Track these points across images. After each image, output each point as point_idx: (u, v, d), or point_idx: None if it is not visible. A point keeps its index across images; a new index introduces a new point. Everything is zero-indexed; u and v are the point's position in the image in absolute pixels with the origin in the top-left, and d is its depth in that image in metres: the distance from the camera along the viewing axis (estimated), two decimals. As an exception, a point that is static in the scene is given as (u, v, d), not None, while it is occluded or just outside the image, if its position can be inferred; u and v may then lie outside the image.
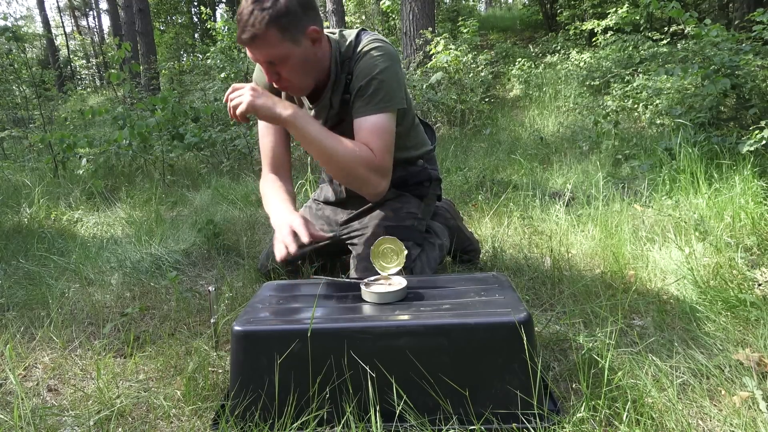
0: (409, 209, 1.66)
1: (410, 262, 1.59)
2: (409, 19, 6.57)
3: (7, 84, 6.13)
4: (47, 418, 1.13)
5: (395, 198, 1.67)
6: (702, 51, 3.41)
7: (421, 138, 1.72)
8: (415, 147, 1.69)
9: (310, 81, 1.44)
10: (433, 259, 1.73)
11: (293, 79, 1.40)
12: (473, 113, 5.34)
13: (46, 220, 2.75)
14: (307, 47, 1.36)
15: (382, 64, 1.40)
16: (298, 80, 1.41)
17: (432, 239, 1.80)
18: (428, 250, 1.74)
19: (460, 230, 1.96)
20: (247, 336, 1.07)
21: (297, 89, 1.45)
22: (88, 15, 28.80)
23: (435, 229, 1.86)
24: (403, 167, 1.65)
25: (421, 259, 1.67)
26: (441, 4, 11.79)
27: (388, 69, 1.40)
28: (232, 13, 8.71)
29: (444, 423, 1.04)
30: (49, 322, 1.55)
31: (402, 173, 1.64)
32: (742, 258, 1.70)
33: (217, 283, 1.88)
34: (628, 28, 7.44)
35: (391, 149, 1.40)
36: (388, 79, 1.40)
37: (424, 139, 1.73)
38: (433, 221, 1.90)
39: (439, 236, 1.84)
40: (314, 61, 1.40)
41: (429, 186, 1.73)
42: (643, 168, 2.90)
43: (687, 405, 1.09)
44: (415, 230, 1.67)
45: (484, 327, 1.04)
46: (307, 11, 1.34)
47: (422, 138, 1.72)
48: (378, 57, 1.41)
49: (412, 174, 1.68)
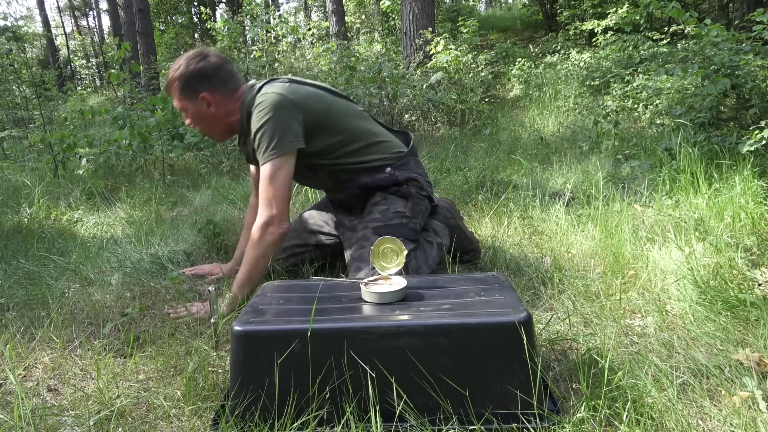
0: (396, 209, 1.71)
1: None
2: (409, 19, 6.57)
3: (7, 84, 6.13)
4: (47, 418, 1.13)
5: (381, 200, 1.74)
6: (702, 51, 3.41)
7: (383, 148, 1.79)
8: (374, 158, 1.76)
9: (213, 131, 1.75)
10: (432, 258, 1.74)
11: (197, 126, 1.74)
12: (473, 113, 5.34)
13: (46, 220, 2.75)
14: (201, 107, 1.67)
15: (264, 117, 1.58)
16: (201, 128, 1.74)
17: (430, 237, 1.80)
18: (426, 248, 1.74)
19: (460, 229, 1.96)
20: (247, 336, 1.07)
21: (205, 133, 1.77)
22: (88, 15, 28.81)
23: (434, 227, 1.87)
24: (368, 174, 1.75)
25: (417, 256, 1.68)
26: (441, 4, 11.80)
27: (269, 121, 1.58)
28: (232, 13, 8.71)
29: (444, 423, 1.04)
30: (49, 322, 1.55)
31: (367, 179, 1.75)
32: (742, 258, 1.70)
33: (217, 283, 1.88)
34: (628, 28, 7.44)
35: (281, 191, 1.58)
36: (269, 130, 1.57)
37: (386, 149, 1.79)
38: (432, 219, 1.91)
39: (438, 234, 1.84)
40: (210, 118, 1.70)
41: (408, 186, 1.76)
42: (643, 168, 2.90)
43: (687, 405, 1.09)
44: (405, 228, 1.70)
45: (484, 327, 1.04)
46: (204, 81, 1.64)
47: (384, 148, 1.79)
48: (261, 112, 1.59)
49: (379, 180, 1.76)
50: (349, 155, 1.74)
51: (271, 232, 1.56)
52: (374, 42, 9.35)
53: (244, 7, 6.88)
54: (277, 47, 7.64)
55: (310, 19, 16.27)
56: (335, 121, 1.71)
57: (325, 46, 6.37)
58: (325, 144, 1.70)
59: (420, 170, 1.83)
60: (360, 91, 4.43)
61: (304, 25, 13.91)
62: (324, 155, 1.72)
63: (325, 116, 1.68)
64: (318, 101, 1.69)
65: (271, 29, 7.61)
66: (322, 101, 1.70)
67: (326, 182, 1.84)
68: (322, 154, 1.72)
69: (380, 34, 11.14)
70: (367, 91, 4.61)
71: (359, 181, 1.76)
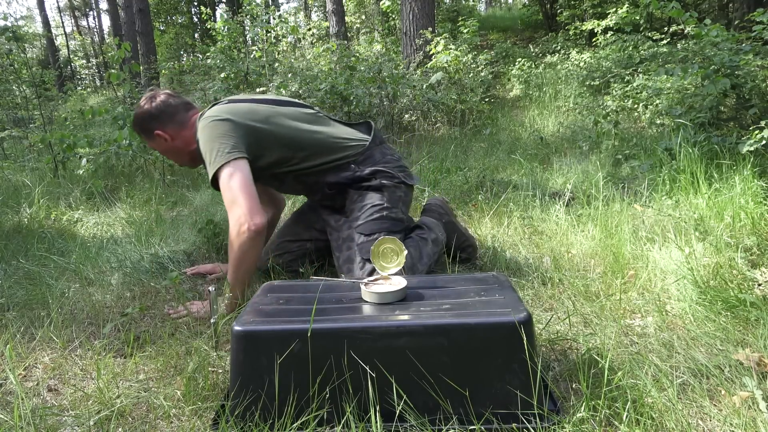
0: (372, 203, 1.74)
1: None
2: (409, 19, 6.57)
3: (7, 84, 6.13)
4: (47, 418, 1.13)
5: (357, 198, 1.77)
6: (702, 51, 3.41)
7: (341, 146, 1.78)
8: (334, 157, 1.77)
9: (182, 161, 1.86)
10: (427, 255, 1.74)
11: (170, 158, 1.88)
12: (473, 113, 5.34)
13: (46, 220, 2.75)
14: (161, 143, 1.79)
15: (204, 138, 1.65)
16: (173, 160, 1.88)
17: (424, 234, 1.81)
18: (420, 245, 1.75)
19: (455, 226, 1.97)
20: (247, 336, 1.07)
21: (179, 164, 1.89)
22: (88, 15, 28.80)
23: (428, 223, 1.87)
24: (333, 174, 1.78)
25: (410, 253, 1.69)
26: (441, 4, 11.79)
27: (209, 140, 1.63)
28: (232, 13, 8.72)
29: (444, 423, 1.04)
30: (49, 322, 1.55)
31: (333, 179, 1.78)
32: (742, 258, 1.70)
33: (217, 283, 1.88)
34: (628, 28, 7.44)
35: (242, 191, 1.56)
36: (208, 143, 1.63)
37: (345, 146, 1.79)
38: (424, 216, 1.93)
39: (432, 230, 1.85)
40: (173, 150, 1.82)
41: (377, 178, 1.77)
42: (643, 168, 2.90)
43: (687, 405, 1.10)
44: (386, 219, 1.72)
45: (484, 327, 1.04)
46: (153, 120, 1.77)
47: (342, 145, 1.79)
48: (202, 135, 1.66)
49: (344, 178, 1.78)
50: (307, 159, 1.75)
51: (244, 230, 1.54)
52: (374, 42, 9.35)
53: (244, 7, 6.89)
54: (277, 47, 7.63)
55: (310, 19, 16.27)
56: (281, 130, 1.72)
57: (325, 46, 6.37)
58: (278, 154, 1.72)
59: (388, 158, 1.82)
60: (360, 91, 4.43)
61: (304, 25, 13.91)
62: (282, 164, 1.75)
63: (267, 127, 1.70)
64: (257, 114, 1.71)
65: (271, 29, 7.61)
66: (261, 113, 1.73)
67: (295, 187, 1.86)
68: (279, 163, 1.74)
69: (380, 34, 11.14)
70: (367, 91, 4.61)
71: (326, 181, 1.78)
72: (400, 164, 1.85)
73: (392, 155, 1.85)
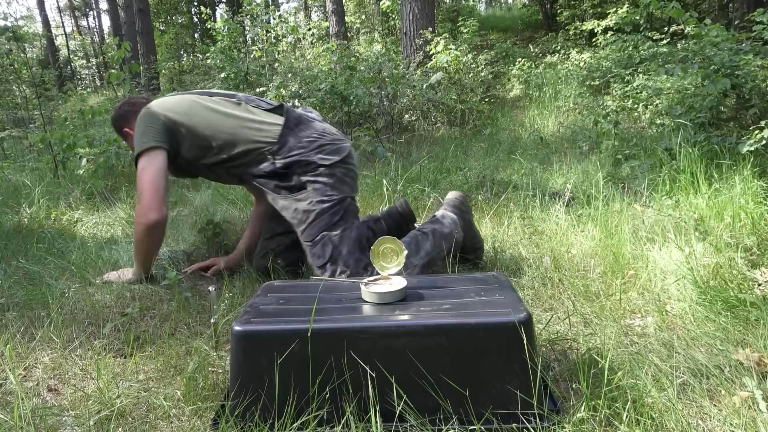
0: (303, 209, 1.72)
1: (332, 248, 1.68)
2: (409, 19, 6.57)
3: (7, 84, 6.13)
4: (47, 418, 1.13)
5: (286, 207, 1.75)
6: (702, 51, 3.41)
7: (256, 134, 1.77)
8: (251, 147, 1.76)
9: None
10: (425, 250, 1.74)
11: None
12: (473, 113, 5.34)
13: (46, 220, 2.75)
14: (129, 139, 1.93)
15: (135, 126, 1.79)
16: None
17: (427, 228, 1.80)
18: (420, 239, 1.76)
19: (471, 225, 1.96)
20: (247, 336, 1.07)
21: None
22: (88, 15, 28.79)
23: (442, 217, 1.87)
24: (255, 167, 1.77)
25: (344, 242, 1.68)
26: (441, 4, 11.79)
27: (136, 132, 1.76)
28: (232, 13, 8.71)
29: (444, 423, 1.04)
30: (49, 322, 1.55)
31: (255, 171, 1.78)
32: (742, 258, 1.70)
33: (217, 283, 1.88)
34: (628, 28, 7.43)
35: (147, 184, 1.69)
36: (135, 132, 1.76)
37: (261, 133, 1.77)
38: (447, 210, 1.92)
39: (444, 225, 1.84)
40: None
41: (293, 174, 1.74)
42: (643, 168, 2.90)
43: (687, 405, 1.10)
44: (323, 216, 1.70)
45: (484, 327, 1.04)
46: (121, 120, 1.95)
47: (258, 133, 1.77)
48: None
49: (263, 172, 1.76)
50: (224, 149, 1.76)
51: (140, 222, 1.68)
52: (374, 42, 9.35)
53: (244, 7, 6.88)
54: (277, 47, 7.64)
55: (310, 19, 16.27)
56: (196, 120, 1.77)
57: (325, 46, 6.37)
58: (197, 144, 1.77)
59: (303, 141, 1.75)
60: (360, 91, 4.43)
61: (304, 25, 13.91)
62: (205, 155, 1.78)
63: (183, 119, 1.76)
64: (179, 106, 1.78)
65: (271, 29, 7.61)
66: (183, 105, 1.79)
67: (232, 181, 1.90)
68: (202, 154, 1.78)
69: (380, 34, 11.14)
70: (367, 91, 4.61)
71: (251, 173, 1.78)
72: (319, 143, 1.77)
73: (308, 136, 1.77)
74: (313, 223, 1.70)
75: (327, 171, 1.74)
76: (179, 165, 1.85)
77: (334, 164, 1.75)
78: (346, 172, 1.79)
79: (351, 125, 4.53)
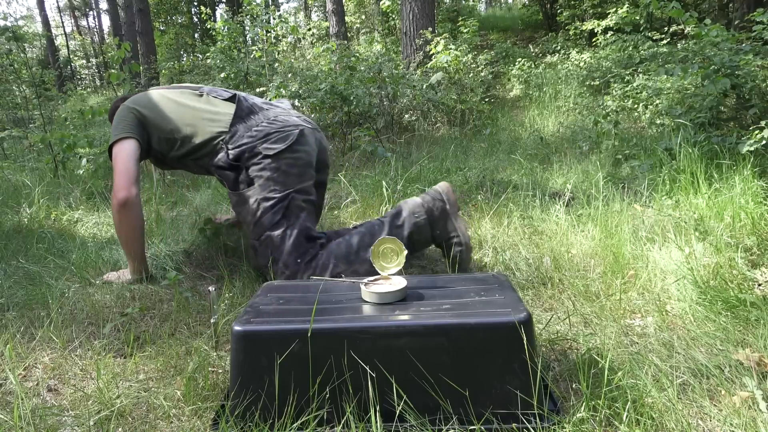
0: (252, 204, 1.76)
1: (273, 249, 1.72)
2: (409, 19, 6.57)
3: (7, 84, 6.13)
4: (47, 418, 1.13)
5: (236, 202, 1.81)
6: (702, 51, 3.41)
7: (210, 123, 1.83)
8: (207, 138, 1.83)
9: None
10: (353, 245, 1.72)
11: None
12: (473, 113, 5.34)
13: (46, 220, 2.75)
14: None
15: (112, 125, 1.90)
16: None
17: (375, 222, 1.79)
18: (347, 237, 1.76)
19: (446, 214, 1.80)
20: (247, 336, 1.07)
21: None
22: (88, 15, 28.78)
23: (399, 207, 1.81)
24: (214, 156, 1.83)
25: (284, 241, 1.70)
26: (441, 4, 11.78)
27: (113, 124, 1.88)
28: (232, 13, 8.72)
29: (444, 423, 1.04)
30: (49, 322, 1.55)
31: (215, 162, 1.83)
32: (742, 258, 1.70)
33: (218, 283, 1.88)
34: (628, 28, 7.43)
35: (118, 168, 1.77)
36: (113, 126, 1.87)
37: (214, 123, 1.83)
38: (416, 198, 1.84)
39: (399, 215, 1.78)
40: None
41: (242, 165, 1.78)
42: (643, 168, 2.89)
43: (687, 405, 1.10)
44: (266, 216, 1.73)
45: (484, 327, 1.04)
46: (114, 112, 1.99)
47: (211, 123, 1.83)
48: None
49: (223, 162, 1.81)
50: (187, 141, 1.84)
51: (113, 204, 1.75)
52: (374, 42, 9.35)
53: (244, 7, 6.88)
54: (277, 47, 7.64)
55: (310, 19, 16.27)
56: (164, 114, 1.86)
57: (325, 46, 6.37)
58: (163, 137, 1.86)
59: (253, 131, 1.78)
60: (360, 91, 4.43)
61: (304, 25, 13.91)
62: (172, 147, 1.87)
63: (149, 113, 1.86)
64: (147, 100, 1.89)
65: (271, 29, 7.61)
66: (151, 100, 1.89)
67: (202, 172, 1.99)
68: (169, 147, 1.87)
69: (380, 34, 11.14)
70: (367, 91, 4.61)
71: (214, 165, 1.84)
72: (266, 131, 1.78)
73: (257, 124, 1.80)
74: (257, 222, 1.75)
75: (272, 163, 1.75)
76: (157, 158, 1.96)
77: (280, 153, 1.76)
78: (294, 161, 1.78)
79: (351, 125, 4.53)
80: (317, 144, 1.91)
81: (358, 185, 2.98)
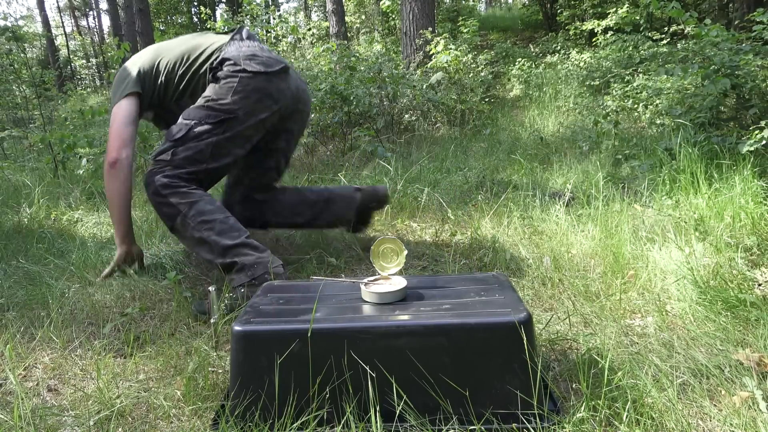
0: (205, 94, 1.79)
1: (183, 135, 1.74)
2: (409, 19, 6.57)
3: (7, 84, 6.13)
4: (47, 418, 1.13)
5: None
6: (702, 51, 3.41)
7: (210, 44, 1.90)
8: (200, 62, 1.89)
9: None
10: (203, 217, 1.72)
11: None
12: (473, 113, 5.34)
13: (46, 220, 2.75)
14: None
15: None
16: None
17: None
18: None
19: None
20: (247, 336, 1.07)
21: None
22: (88, 15, 28.77)
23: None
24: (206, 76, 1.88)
25: (194, 141, 1.72)
26: (441, 4, 11.79)
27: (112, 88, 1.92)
28: (232, 13, 8.72)
29: (444, 423, 1.04)
30: (49, 322, 1.55)
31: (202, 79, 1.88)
32: (742, 258, 1.70)
33: (218, 283, 1.88)
34: (628, 28, 7.44)
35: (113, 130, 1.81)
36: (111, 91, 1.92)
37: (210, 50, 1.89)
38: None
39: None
40: None
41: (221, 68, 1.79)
42: (643, 168, 2.89)
43: (687, 405, 1.10)
44: (204, 108, 1.76)
45: (484, 327, 1.04)
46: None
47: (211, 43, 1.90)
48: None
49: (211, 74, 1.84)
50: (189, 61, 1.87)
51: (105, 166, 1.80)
52: (374, 42, 9.35)
53: (244, 7, 6.88)
54: (277, 47, 7.63)
55: (310, 19, 16.27)
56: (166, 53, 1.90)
57: (325, 46, 6.37)
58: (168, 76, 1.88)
59: (243, 49, 1.81)
60: (360, 91, 4.43)
61: (304, 25, 13.90)
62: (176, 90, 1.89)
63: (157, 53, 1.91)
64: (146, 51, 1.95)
65: (271, 29, 7.60)
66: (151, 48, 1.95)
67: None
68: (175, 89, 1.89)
69: (380, 34, 11.14)
70: (367, 91, 4.61)
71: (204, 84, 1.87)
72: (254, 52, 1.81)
73: (249, 46, 1.84)
74: (197, 107, 1.76)
75: (246, 78, 1.76)
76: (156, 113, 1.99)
77: (257, 74, 1.77)
78: (265, 86, 1.78)
79: (351, 125, 4.53)
80: (296, 89, 1.93)
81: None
